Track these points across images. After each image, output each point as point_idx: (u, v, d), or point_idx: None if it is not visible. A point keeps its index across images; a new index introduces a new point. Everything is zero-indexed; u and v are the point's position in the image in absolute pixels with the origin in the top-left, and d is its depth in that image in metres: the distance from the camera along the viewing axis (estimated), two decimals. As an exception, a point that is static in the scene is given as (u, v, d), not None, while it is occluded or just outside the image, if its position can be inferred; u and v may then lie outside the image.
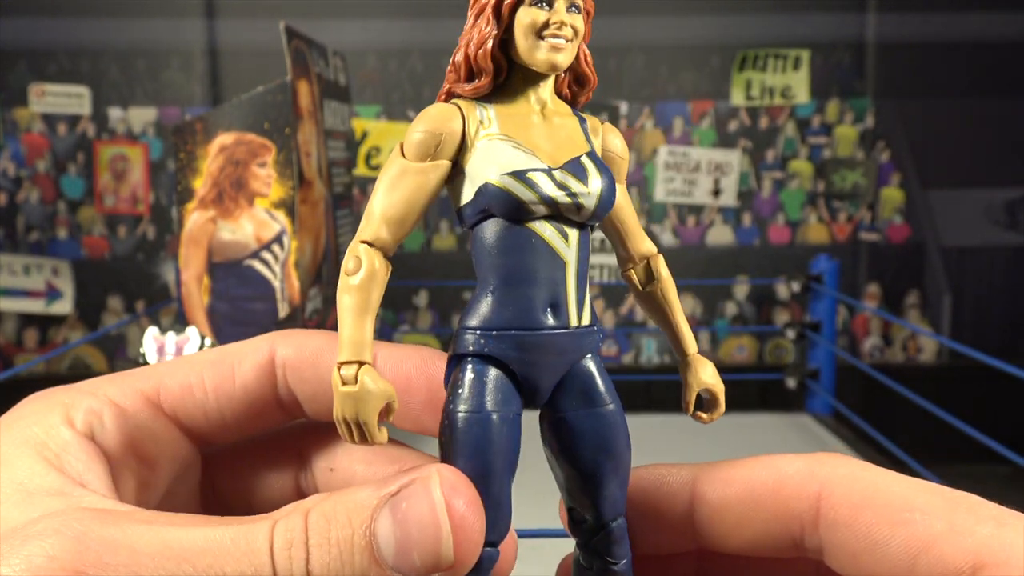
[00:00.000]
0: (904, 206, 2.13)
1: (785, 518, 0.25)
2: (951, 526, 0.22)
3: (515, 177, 0.25)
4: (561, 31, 0.26)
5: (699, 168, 1.64)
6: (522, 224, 0.26)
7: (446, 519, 0.23)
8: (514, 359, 0.26)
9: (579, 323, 0.26)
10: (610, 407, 0.27)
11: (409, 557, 0.22)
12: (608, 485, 0.27)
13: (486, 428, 0.26)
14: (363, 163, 1.40)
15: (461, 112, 0.27)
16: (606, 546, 0.27)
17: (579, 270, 0.26)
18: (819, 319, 1.56)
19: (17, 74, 2.06)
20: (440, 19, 2.03)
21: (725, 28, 2.03)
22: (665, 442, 0.28)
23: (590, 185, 0.26)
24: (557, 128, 0.27)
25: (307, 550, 0.22)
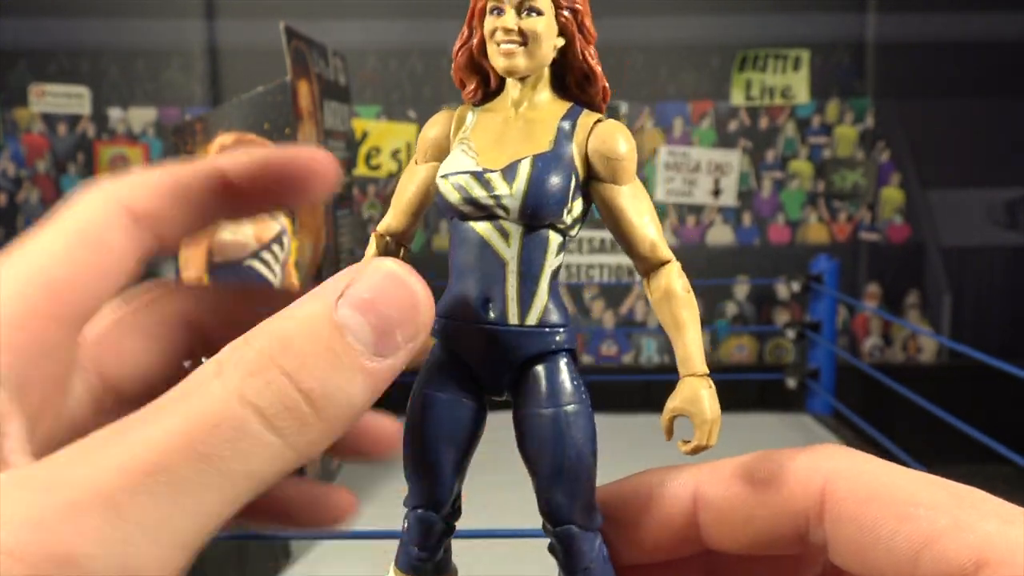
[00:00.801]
0: (904, 206, 2.12)
1: (790, 515, 0.25)
2: (955, 522, 0.22)
3: (445, 179, 0.27)
4: (508, 36, 0.27)
5: (699, 168, 1.64)
6: (466, 222, 0.27)
7: (418, 286, 0.22)
8: (455, 345, 0.27)
9: (521, 321, 0.27)
10: (561, 409, 0.27)
11: (392, 340, 0.21)
12: (550, 489, 0.27)
13: (424, 404, 0.27)
14: (363, 163, 1.40)
15: (452, 118, 0.29)
16: (560, 554, 0.27)
17: (523, 270, 0.27)
18: (819, 319, 1.56)
19: (17, 74, 2.06)
20: (440, 19, 2.03)
21: (725, 28, 2.03)
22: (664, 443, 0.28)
23: (514, 186, 0.26)
24: (524, 130, 0.28)
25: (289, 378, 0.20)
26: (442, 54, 2.07)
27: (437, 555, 0.28)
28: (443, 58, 2.07)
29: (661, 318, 0.28)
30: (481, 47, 0.28)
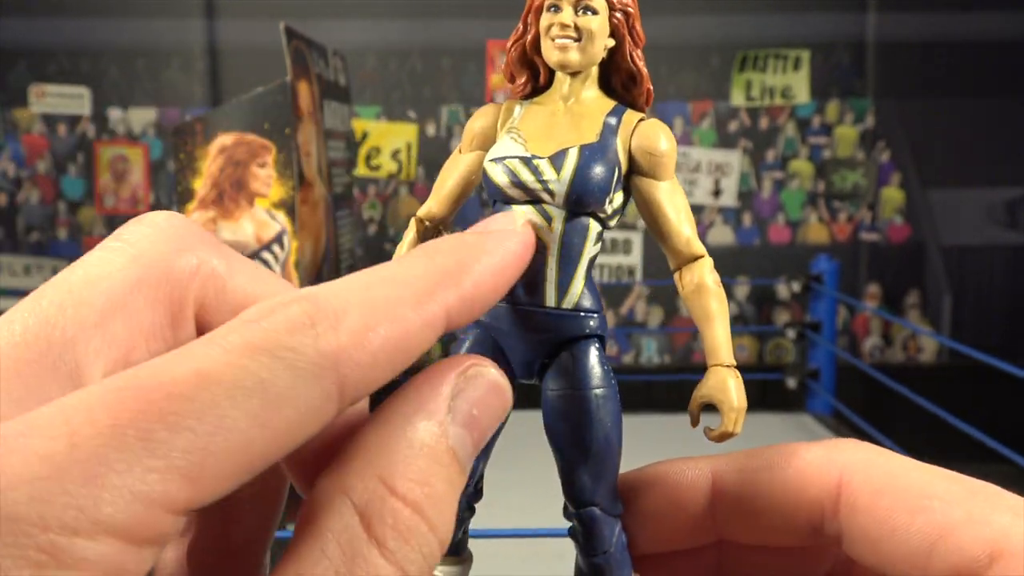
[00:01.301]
0: (904, 206, 2.12)
1: (806, 505, 0.25)
2: (969, 514, 0.22)
3: (495, 162, 0.28)
4: (564, 32, 0.28)
5: (699, 168, 1.64)
6: (510, 207, 0.28)
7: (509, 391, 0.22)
8: (493, 327, 0.28)
9: (558, 304, 0.28)
10: (586, 391, 0.28)
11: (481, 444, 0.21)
12: (576, 470, 0.27)
13: None
14: (363, 163, 1.40)
15: (501, 110, 0.30)
16: (580, 536, 0.28)
17: (564, 255, 0.28)
18: (819, 319, 1.56)
19: (17, 74, 2.06)
20: (440, 19, 2.03)
21: (725, 28, 2.03)
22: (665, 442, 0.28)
23: (562, 173, 0.27)
24: (571, 122, 0.29)
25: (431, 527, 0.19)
26: (442, 54, 2.07)
27: (456, 535, 0.28)
28: (443, 58, 2.07)
29: (692, 310, 0.29)
30: (535, 43, 0.29)
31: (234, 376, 0.17)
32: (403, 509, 0.19)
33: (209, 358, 0.17)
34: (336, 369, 0.18)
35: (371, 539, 0.18)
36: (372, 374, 0.19)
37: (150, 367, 0.17)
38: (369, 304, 0.20)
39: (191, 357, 0.17)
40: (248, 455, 0.17)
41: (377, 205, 2.07)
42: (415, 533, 0.19)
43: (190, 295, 0.23)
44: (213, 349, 0.18)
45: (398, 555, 0.18)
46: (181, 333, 0.23)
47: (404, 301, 0.20)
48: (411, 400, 0.20)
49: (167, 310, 0.22)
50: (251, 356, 0.18)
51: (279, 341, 0.18)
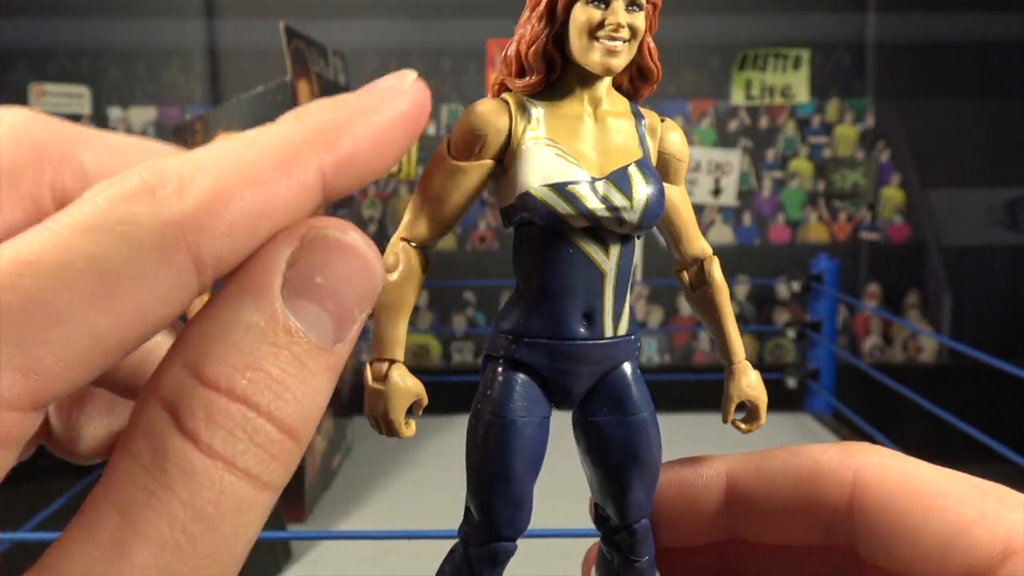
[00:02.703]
0: (904, 206, 2.12)
1: (820, 506, 0.25)
2: (982, 513, 0.23)
3: (555, 190, 0.24)
4: (617, 33, 0.25)
5: (699, 168, 1.64)
6: (561, 235, 0.25)
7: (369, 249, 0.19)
8: (544, 366, 0.26)
9: (614, 333, 0.26)
10: (640, 415, 0.27)
11: (350, 319, 0.18)
12: (633, 490, 0.27)
13: (510, 432, 0.25)
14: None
15: (510, 109, 0.26)
16: (629, 545, 0.28)
17: (618, 281, 0.26)
18: (819, 319, 1.56)
19: (17, 74, 2.06)
20: (440, 19, 2.03)
21: (725, 28, 2.03)
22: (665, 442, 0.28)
23: (634, 198, 0.25)
24: (609, 132, 0.26)
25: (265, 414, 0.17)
26: (442, 54, 2.07)
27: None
28: (443, 58, 2.07)
29: (703, 309, 0.29)
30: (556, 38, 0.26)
31: (63, 258, 0.15)
32: (217, 398, 0.16)
33: (35, 243, 0.16)
34: (184, 238, 0.16)
35: (183, 435, 0.16)
36: (232, 244, 0.17)
37: None
38: (224, 168, 0.17)
39: (14, 245, 0.16)
40: (96, 340, 0.16)
41: (377, 204, 2.06)
42: (240, 423, 0.16)
43: (43, 188, 0.20)
44: (40, 232, 0.16)
45: (219, 448, 0.16)
46: None
47: (266, 163, 0.18)
48: (239, 279, 0.18)
49: (19, 208, 0.20)
50: (82, 235, 0.16)
51: (112, 214, 0.16)
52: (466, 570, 0.27)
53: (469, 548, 0.27)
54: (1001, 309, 2.10)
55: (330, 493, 1.15)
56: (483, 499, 0.26)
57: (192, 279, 0.17)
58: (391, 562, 0.95)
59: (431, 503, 1.05)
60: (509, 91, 0.27)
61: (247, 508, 0.17)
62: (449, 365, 2.05)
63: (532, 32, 0.26)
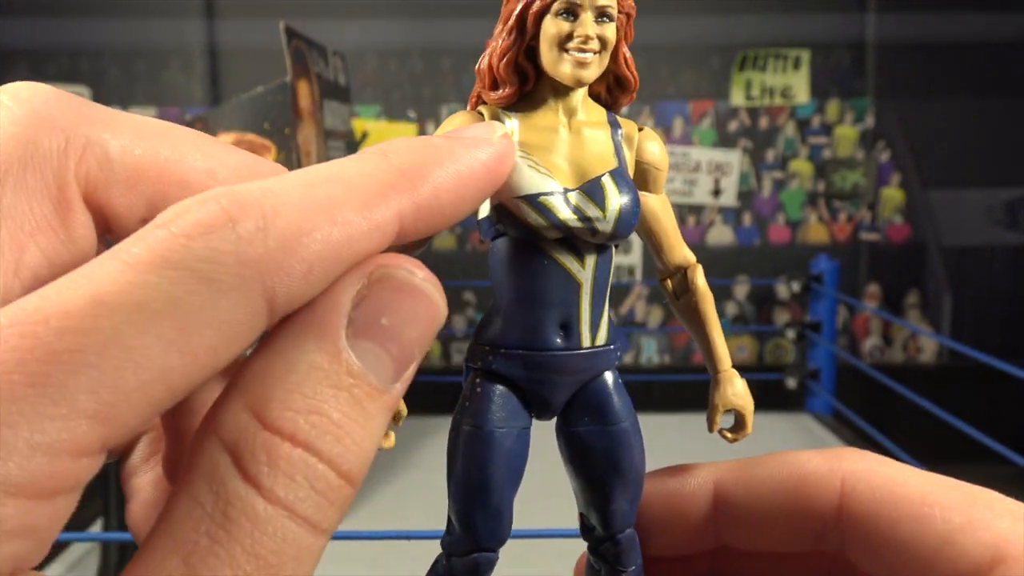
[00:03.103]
0: (904, 206, 2.12)
1: (807, 514, 0.25)
2: (970, 520, 0.22)
3: (527, 201, 0.24)
4: (587, 45, 0.25)
5: (699, 168, 1.64)
6: (536, 246, 0.25)
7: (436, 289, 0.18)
8: (521, 377, 0.26)
9: (592, 343, 0.26)
10: (621, 425, 0.27)
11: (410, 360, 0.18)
12: (616, 500, 0.27)
13: (488, 443, 0.25)
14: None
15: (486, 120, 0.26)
16: (614, 555, 0.28)
17: (595, 291, 0.26)
18: (819, 319, 1.56)
19: (17, 74, 2.06)
20: (440, 19, 2.03)
21: (725, 28, 2.03)
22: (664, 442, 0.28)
23: (607, 208, 0.25)
24: (584, 142, 0.26)
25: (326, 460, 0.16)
26: (442, 54, 2.07)
27: None
28: (443, 58, 2.07)
29: (688, 314, 0.29)
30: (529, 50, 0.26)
31: (139, 297, 0.15)
32: (280, 444, 0.16)
33: (109, 278, 0.15)
34: (262, 280, 0.16)
35: (246, 480, 0.16)
36: (306, 286, 0.16)
37: (40, 296, 0.15)
38: (307, 204, 0.16)
39: (87, 279, 0.15)
40: (166, 384, 0.15)
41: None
42: (301, 469, 0.16)
43: (69, 175, 0.19)
44: (113, 266, 0.15)
45: (281, 494, 0.16)
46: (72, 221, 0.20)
47: (349, 202, 0.17)
48: (303, 317, 0.17)
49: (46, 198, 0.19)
50: (159, 271, 0.15)
51: (192, 250, 0.15)
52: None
53: (451, 559, 0.27)
54: (1001, 309, 2.10)
55: (330, 493, 1.15)
56: (463, 510, 0.26)
57: (263, 320, 0.16)
58: (391, 562, 0.95)
59: (431, 503, 1.05)
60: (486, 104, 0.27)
61: (305, 555, 0.16)
62: (449, 365, 2.05)
63: (503, 45, 0.26)
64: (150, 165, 0.20)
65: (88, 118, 0.20)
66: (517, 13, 0.26)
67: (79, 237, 0.20)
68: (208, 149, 0.21)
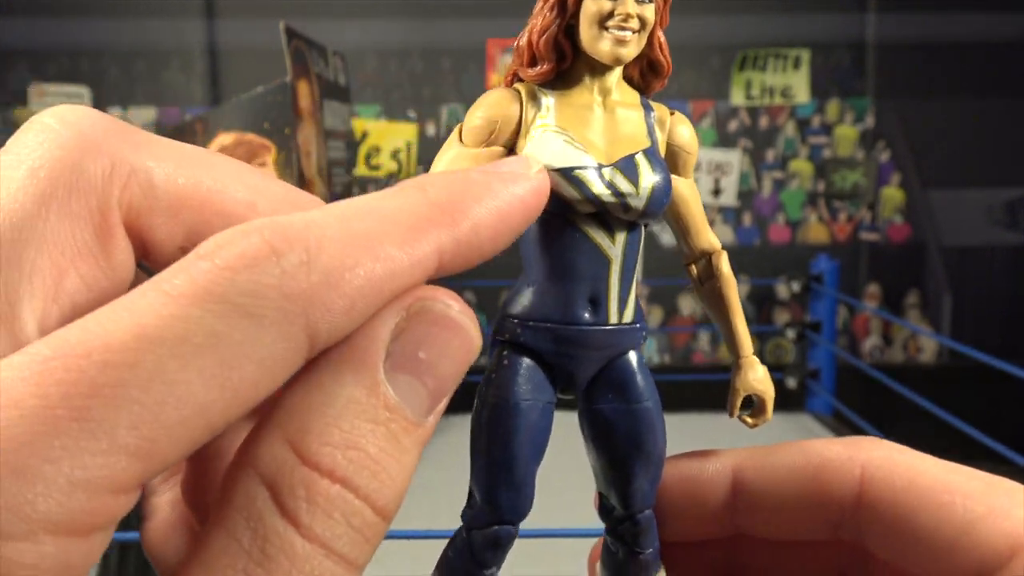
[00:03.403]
0: (904, 206, 2.12)
1: (826, 501, 0.25)
2: (990, 509, 0.22)
3: (562, 175, 0.25)
4: (627, 23, 0.26)
5: (699, 168, 1.64)
6: (568, 220, 0.25)
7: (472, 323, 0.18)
8: (549, 351, 0.26)
9: (619, 320, 0.26)
10: (645, 404, 0.27)
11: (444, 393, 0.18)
12: (637, 479, 0.27)
13: (514, 416, 0.26)
14: (363, 163, 1.40)
15: (520, 98, 0.26)
16: (633, 536, 0.28)
17: (624, 268, 0.26)
18: (819, 319, 1.56)
19: (17, 74, 2.06)
20: (440, 19, 2.03)
21: (725, 28, 2.03)
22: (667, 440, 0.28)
23: (640, 185, 0.25)
24: (618, 121, 0.26)
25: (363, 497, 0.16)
26: (442, 54, 2.07)
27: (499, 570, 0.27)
28: (443, 58, 2.07)
29: (712, 302, 0.29)
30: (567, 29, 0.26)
31: (182, 331, 0.14)
32: (319, 480, 0.16)
33: (151, 310, 0.15)
34: (306, 314, 0.15)
35: (284, 516, 0.16)
36: (347, 321, 0.16)
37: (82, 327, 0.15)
38: (349, 238, 0.16)
39: (128, 311, 0.15)
40: (206, 419, 0.15)
41: (377, 205, 2.07)
42: (339, 505, 0.16)
43: (112, 200, 0.19)
44: (155, 298, 0.15)
45: (319, 531, 0.16)
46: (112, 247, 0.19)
47: (390, 237, 0.17)
48: (341, 350, 0.17)
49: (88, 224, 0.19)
50: (201, 304, 0.15)
51: (235, 283, 0.15)
52: (468, 554, 0.27)
53: (471, 532, 0.27)
54: (1001, 309, 2.10)
55: (330, 493, 1.15)
56: (485, 482, 0.26)
57: (304, 354, 0.16)
58: (391, 562, 0.95)
59: (431, 503, 1.05)
60: (522, 81, 0.27)
61: None
62: (449, 365, 2.05)
63: (544, 22, 0.26)
64: (192, 194, 0.20)
65: (133, 144, 0.20)
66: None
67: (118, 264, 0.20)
68: (249, 180, 0.21)
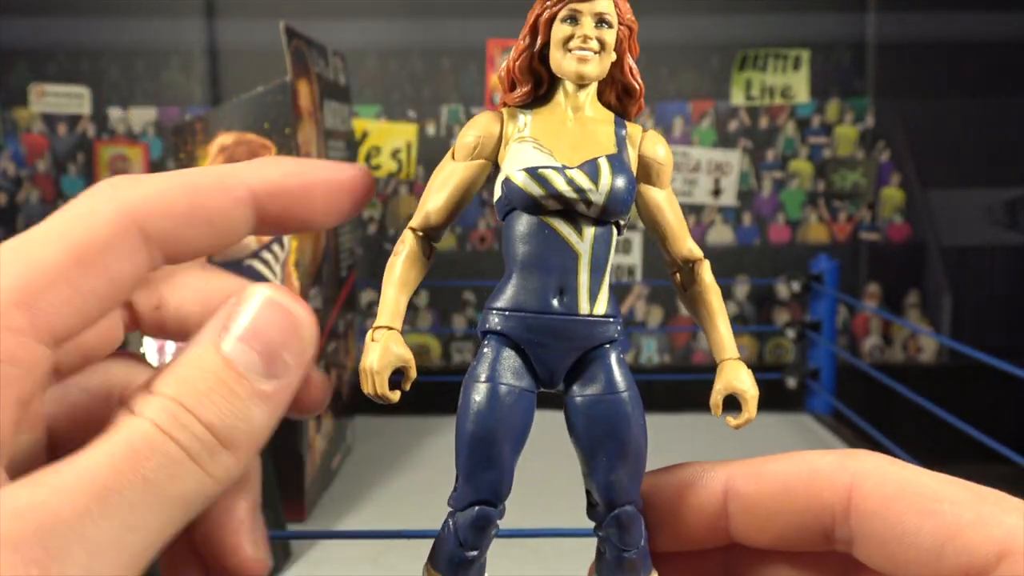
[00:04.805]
0: (904, 206, 2.12)
1: (817, 509, 0.26)
2: (978, 516, 0.23)
3: (528, 173, 0.28)
4: (586, 44, 0.29)
5: (699, 168, 1.64)
6: (539, 217, 0.28)
7: (297, 307, 0.23)
8: (523, 339, 0.28)
9: (590, 312, 0.28)
10: (619, 394, 0.28)
11: (280, 361, 0.23)
12: (613, 470, 0.28)
13: (488, 395, 0.28)
14: (363, 163, 1.40)
15: (502, 118, 0.30)
16: (615, 532, 0.29)
17: (593, 263, 0.28)
18: (819, 319, 1.56)
19: (17, 74, 2.06)
20: (440, 19, 2.03)
21: (725, 28, 2.03)
22: (665, 442, 0.28)
23: (600, 183, 0.28)
24: (587, 133, 0.30)
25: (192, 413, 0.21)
26: (442, 54, 2.07)
27: (485, 554, 0.29)
28: (443, 58, 2.07)
29: (694, 308, 0.31)
30: (542, 53, 0.30)
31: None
32: (159, 397, 0.21)
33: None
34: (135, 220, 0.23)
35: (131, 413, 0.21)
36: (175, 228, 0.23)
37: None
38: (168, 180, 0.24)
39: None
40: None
41: (377, 205, 2.07)
42: (169, 409, 0.21)
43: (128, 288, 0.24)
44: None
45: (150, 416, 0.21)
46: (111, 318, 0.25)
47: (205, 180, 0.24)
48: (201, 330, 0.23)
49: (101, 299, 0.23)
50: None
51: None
52: (452, 537, 0.28)
53: (455, 515, 0.28)
54: (1001, 309, 2.10)
55: (330, 493, 1.15)
56: (462, 460, 0.28)
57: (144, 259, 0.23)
58: (391, 562, 0.95)
59: (431, 503, 1.05)
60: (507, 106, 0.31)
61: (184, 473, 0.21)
62: (449, 365, 2.05)
63: (518, 49, 0.30)
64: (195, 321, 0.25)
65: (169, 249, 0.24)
66: (531, 21, 0.30)
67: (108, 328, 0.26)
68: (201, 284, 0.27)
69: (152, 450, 0.20)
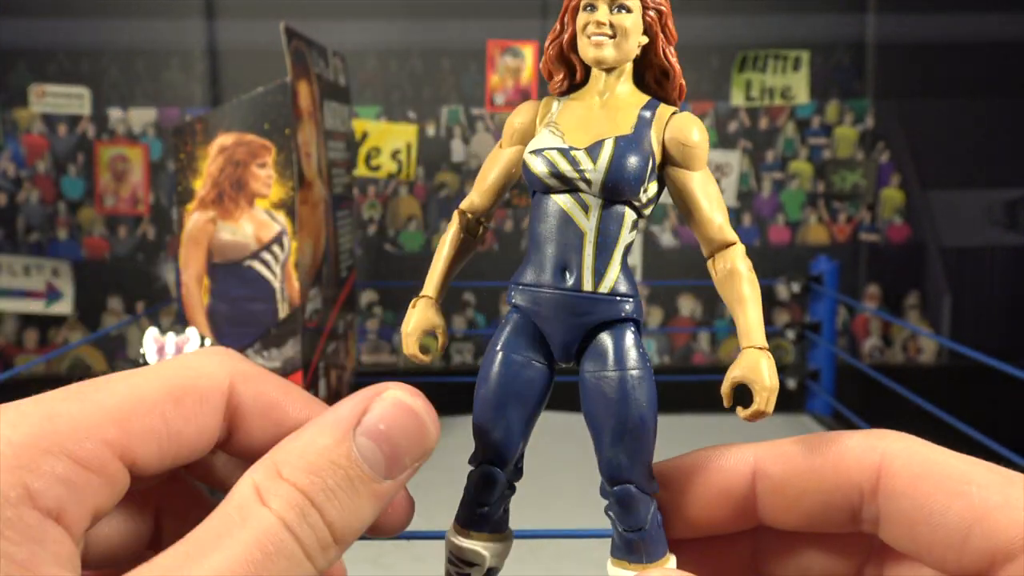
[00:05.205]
0: (904, 206, 2.12)
1: (846, 488, 0.26)
2: (1006, 499, 0.23)
3: (535, 154, 0.29)
4: (599, 29, 0.30)
5: (699, 168, 1.65)
6: (549, 196, 0.29)
7: (425, 413, 0.25)
8: (532, 311, 0.29)
9: (594, 289, 0.29)
10: (624, 372, 0.29)
11: (400, 464, 0.24)
12: (613, 448, 0.28)
13: (499, 362, 0.29)
14: (363, 164, 1.40)
15: (538, 107, 0.32)
16: (616, 512, 0.29)
17: (599, 242, 0.29)
18: (819, 320, 1.56)
19: (17, 74, 2.06)
20: (440, 19, 2.03)
21: (725, 28, 2.03)
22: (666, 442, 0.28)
23: (598, 162, 0.29)
24: (608, 116, 0.30)
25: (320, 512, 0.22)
26: (442, 54, 2.07)
27: (497, 512, 0.30)
28: (443, 58, 2.07)
29: (725, 294, 0.31)
30: (572, 42, 0.31)
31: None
32: (289, 488, 0.22)
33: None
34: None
35: (261, 501, 0.22)
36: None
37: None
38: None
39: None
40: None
41: (377, 205, 2.07)
42: (298, 505, 0.22)
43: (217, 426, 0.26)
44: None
45: (280, 511, 0.22)
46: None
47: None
48: (325, 416, 0.24)
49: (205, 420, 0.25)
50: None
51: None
52: (470, 489, 0.30)
53: (472, 472, 0.30)
54: (1001, 309, 2.10)
55: (330, 493, 1.15)
56: (475, 420, 0.29)
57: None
58: (391, 562, 0.95)
59: (431, 503, 1.05)
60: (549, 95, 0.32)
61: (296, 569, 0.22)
62: (448, 366, 2.05)
63: (550, 38, 0.32)
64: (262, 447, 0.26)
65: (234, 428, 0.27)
66: (561, 12, 0.31)
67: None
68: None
69: (279, 552, 0.21)
